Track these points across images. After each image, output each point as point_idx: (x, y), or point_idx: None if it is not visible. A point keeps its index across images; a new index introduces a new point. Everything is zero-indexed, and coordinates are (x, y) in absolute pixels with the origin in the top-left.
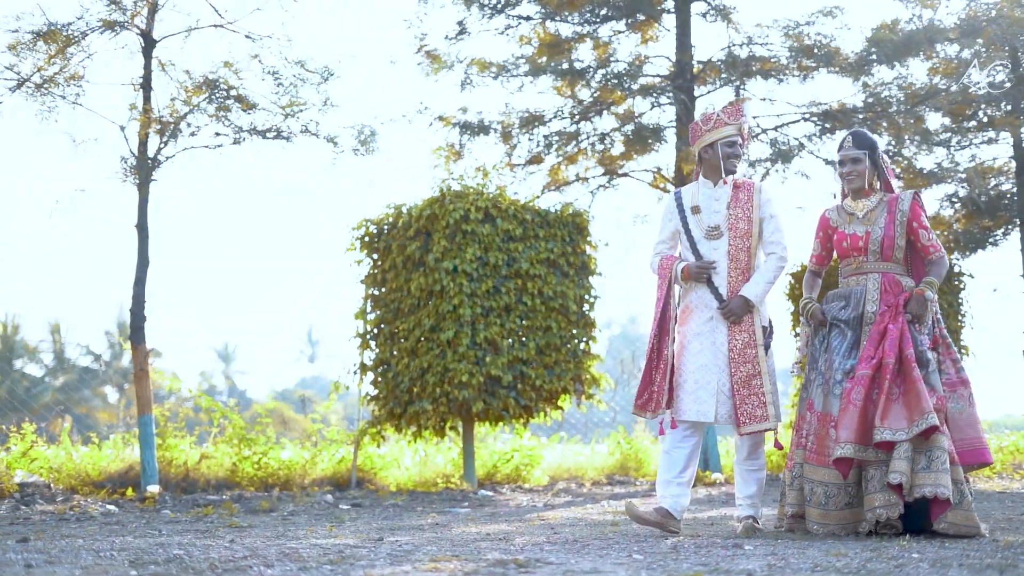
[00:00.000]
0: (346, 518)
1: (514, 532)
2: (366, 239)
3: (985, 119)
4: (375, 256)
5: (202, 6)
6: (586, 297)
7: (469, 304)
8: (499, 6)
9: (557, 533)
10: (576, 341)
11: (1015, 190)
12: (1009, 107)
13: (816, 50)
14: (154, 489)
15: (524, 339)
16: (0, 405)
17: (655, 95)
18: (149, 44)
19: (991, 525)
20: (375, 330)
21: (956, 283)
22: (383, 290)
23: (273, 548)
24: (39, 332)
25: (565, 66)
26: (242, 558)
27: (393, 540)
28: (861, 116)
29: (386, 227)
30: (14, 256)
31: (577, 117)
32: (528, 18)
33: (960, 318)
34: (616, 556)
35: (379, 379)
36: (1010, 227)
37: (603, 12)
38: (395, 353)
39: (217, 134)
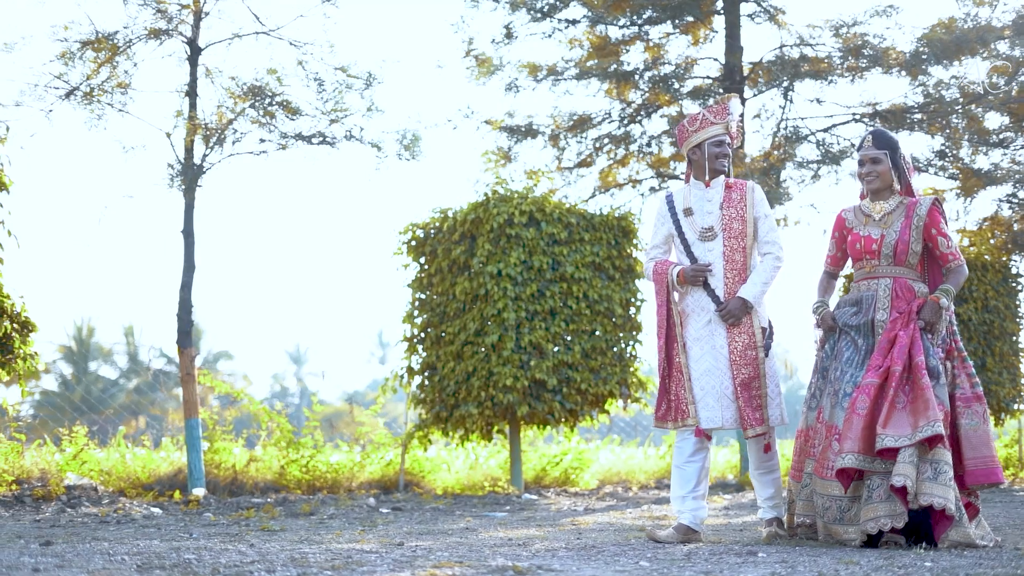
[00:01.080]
0: (380, 522)
1: (538, 537)
2: (412, 243)
3: None
4: (422, 260)
5: (247, 14)
6: (632, 300)
7: (513, 308)
8: (546, 9)
9: (580, 538)
10: (622, 345)
11: None
12: None
13: (866, 50)
14: (199, 492)
15: (569, 343)
16: (75, 406)
17: (703, 97)
18: (195, 52)
19: None
20: (422, 334)
21: (1014, 285)
22: (429, 294)
23: (285, 553)
24: (113, 335)
25: (612, 69)
26: (249, 562)
27: (414, 545)
28: (917, 116)
29: (432, 231)
30: (88, 260)
31: (626, 120)
32: (575, 22)
33: (1018, 320)
34: (623, 563)
35: (426, 382)
36: None
37: (650, 15)
38: (441, 356)
39: (262, 140)
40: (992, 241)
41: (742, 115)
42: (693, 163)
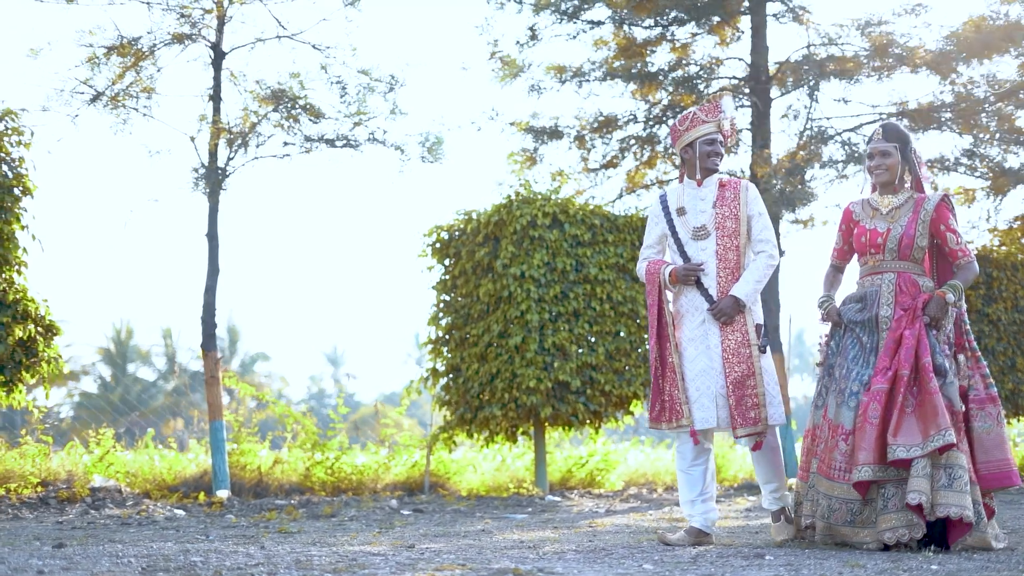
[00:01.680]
0: (399, 524)
1: (550, 540)
2: (437, 245)
3: None
4: (446, 262)
5: (269, 18)
6: None
7: (537, 310)
8: (571, 11)
9: (592, 541)
10: (646, 346)
11: None
12: None
13: (894, 49)
14: (223, 494)
15: (593, 344)
16: (114, 408)
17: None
18: (218, 56)
19: None
20: (446, 336)
21: None
22: (453, 296)
23: (292, 555)
24: (151, 337)
25: (637, 70)
26: (254, 565)
27: (425, 547)
28: (946, 115)
29: (456, 233)
30: (126, 263)
31: (652, 121)
32: (600, 23)
33: None
34: (628, 566)
35: (450, 384)
36: None
37: (675, 15)
38: (465, 358)
39: (286, 144)
40: (1023, 240)
41: (739, 115)
42: (686, 162)
